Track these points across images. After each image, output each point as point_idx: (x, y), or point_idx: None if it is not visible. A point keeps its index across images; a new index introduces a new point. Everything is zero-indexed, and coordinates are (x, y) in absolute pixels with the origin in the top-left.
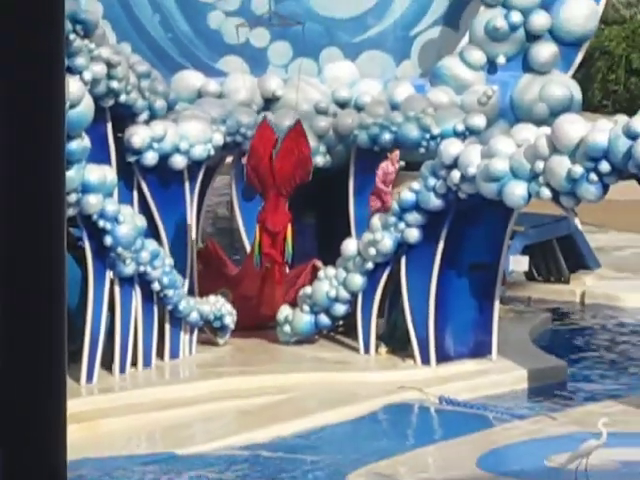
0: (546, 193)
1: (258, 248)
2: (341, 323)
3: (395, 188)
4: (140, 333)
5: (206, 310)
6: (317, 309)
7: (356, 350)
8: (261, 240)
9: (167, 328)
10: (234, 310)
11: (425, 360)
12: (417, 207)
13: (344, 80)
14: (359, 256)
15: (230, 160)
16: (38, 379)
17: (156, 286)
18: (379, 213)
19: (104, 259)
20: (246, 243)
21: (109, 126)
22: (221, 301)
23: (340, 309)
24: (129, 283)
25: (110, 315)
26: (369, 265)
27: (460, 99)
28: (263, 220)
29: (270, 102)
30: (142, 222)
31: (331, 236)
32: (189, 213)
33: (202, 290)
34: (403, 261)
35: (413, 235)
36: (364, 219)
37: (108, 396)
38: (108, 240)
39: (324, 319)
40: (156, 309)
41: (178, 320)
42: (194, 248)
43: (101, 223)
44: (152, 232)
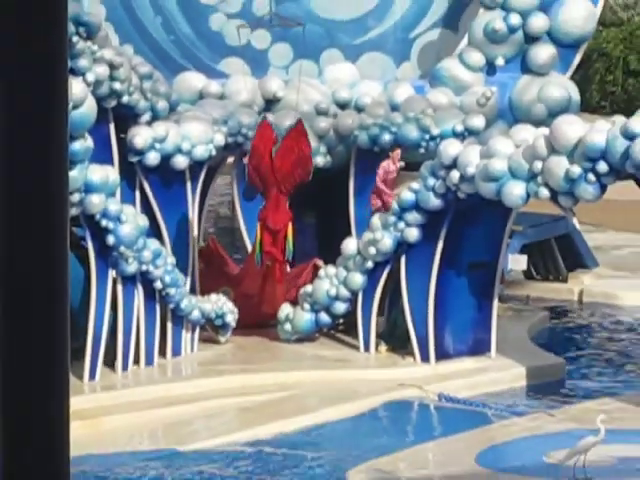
0: (544, 193)
1: (259, 246)
2: (341, 321)
3: (395, 189)
4: (142, 331)
5: (208, 308)
6: (318, 307)
7: (356, 348)
8: (262, 238)
9: (169, 326)
10: (235, 308)
11: (425, 358)
12: (417, 207)
13: (344, 81)
14: (359, 255)
15: (231, 160)
16: (41, 377)
17: (158, 285)
18: (380, 212)
19: (107, 258)
20: (247, 242)
21: (112, 127)
22: (222, 299)
23: (340, 307)
24: (131, 282)
25: (113, 313)
26: (369, 264)
27: (459, 100)
28: (264, 218)
29: (271, 103)
30: (144, 222)
31: (331, 236)
32: (191, 213)
33: (204, 289)
34: (403, 260)
35: (413, 234)
36: (364, 219)
37: (111, 393)
38: (111, 239)
39: (324, 317)
40: (158, 307)
41: (180, 318)
42: (196, 247)
43: (104, 222)
44: (154, 231)
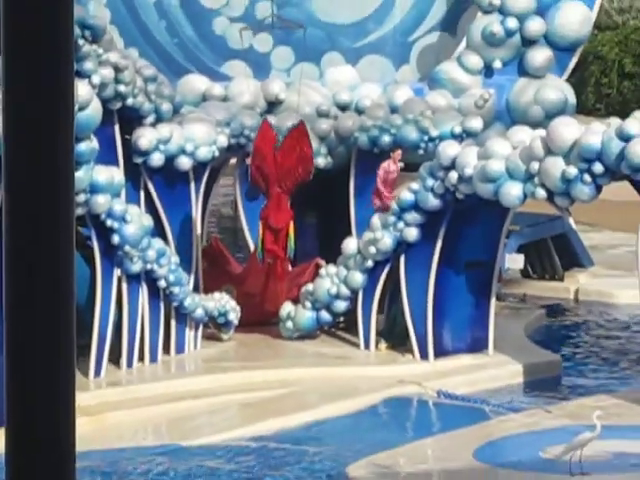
0: (541, 193)
1: (261, 244)
2: (342, 319)
3: (395, 189)
4: (147, 329)
5: (211, 306)
6: (319, 306)
7: (356, 345)
8: (264, 236)
9: (173, 324)
10: (238, 306)
11: (424, 355)
12: (416, 207)
13: (345, 84)
14: (359, 254)
15: (234, 161)
16: (48, 373)
17: (162, 283)
18: (380, 212)
19: (112, 257)
20: (250, 242)
21: (117, 128)
22: (225, 298)
23: (341, 306)
24: (136, 280)
25: (118, 311)
26: (369, 263)
27: (458, 102)
28: (266, 217)
29: (273, 105)
30: (149, 221)
31: (332, 235)
32: (194, 212)
33: (207, 287)
34: (402, 259)
35: (412, 234)
36: (364, 219)
37: (116, 390)
38: (116, 239)
39: (325, 315)
40: (162, 306)
41: (183, 316)
42: (199, 246)
43: (109, 222)
44: (158, 231)
